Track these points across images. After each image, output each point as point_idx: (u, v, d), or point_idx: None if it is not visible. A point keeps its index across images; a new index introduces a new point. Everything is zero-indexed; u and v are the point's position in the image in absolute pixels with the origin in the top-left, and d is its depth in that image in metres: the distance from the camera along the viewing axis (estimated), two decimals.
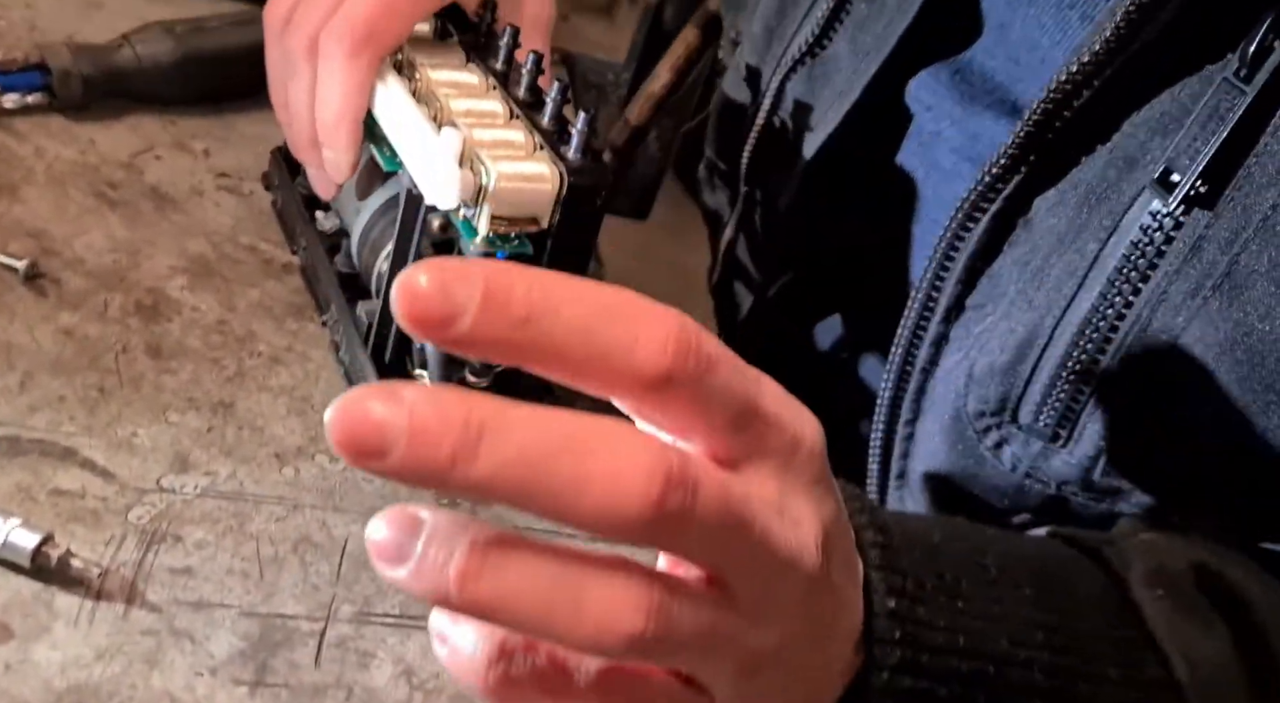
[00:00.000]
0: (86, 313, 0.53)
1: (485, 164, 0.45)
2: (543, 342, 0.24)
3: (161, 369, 0.51)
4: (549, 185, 0.45)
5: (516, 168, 0.45)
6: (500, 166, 0.44)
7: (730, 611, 0.26)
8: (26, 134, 0.62)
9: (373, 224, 0.53)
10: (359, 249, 0.54)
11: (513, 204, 0.45)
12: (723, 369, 0.26)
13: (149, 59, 0.65)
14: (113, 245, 0.57)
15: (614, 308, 0.24)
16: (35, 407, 0.47)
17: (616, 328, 0.24)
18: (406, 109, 0.48)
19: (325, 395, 0.53)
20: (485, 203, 0.45)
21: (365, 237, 0.54)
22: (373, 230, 0.53)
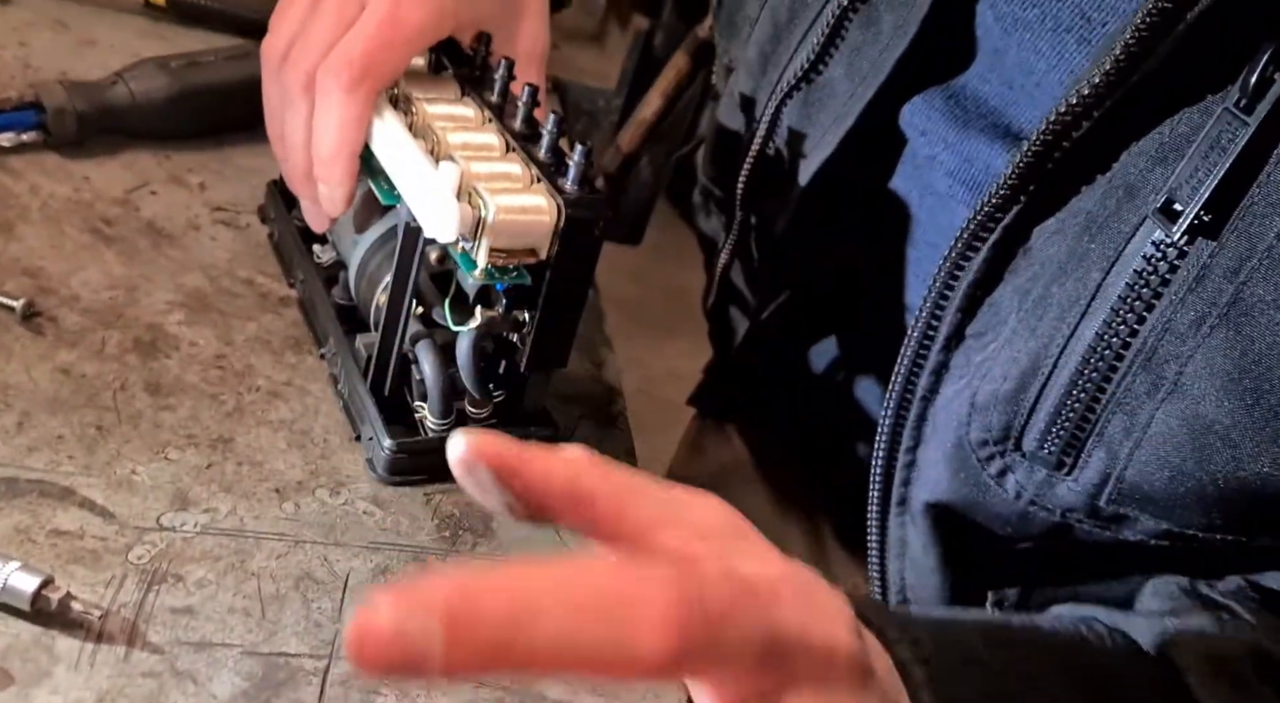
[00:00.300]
0: (84, 351, 0.52)
1: (483, 197, 0.44)
2: (530, 657, 0.22)
3: (160, 406, 0.51)
4: (547, 217, 0.45)
5: (514, 200, 0.45)
6: (498, 200, 0.44)
7: None
8: (21, 172, 0.61)
9: (370, 256, 0.53)
10: (357, 281, 0.54)
11: (511, 236, 0.45)
12: (735, 616, 0.24)
13: (143, 95, 0.65)
14: (109, 282, 0.56)
15: (600, 601, 0.22)
16: (33, 447, 0.47)
17: (609, 624, 0.22)
18: (404, 143, 0.48)
19: (325, 429, 0.52)
20: (483, 236, 0.44)
21: (363, 269, 0.53)
22: (370, 263, 0.53)
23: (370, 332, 0.53)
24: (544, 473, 0.26)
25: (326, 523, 0.48)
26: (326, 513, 0.48)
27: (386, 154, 0.49)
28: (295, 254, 0.59)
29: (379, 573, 0.46)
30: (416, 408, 0.51)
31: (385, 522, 0.49)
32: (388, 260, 0.51)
